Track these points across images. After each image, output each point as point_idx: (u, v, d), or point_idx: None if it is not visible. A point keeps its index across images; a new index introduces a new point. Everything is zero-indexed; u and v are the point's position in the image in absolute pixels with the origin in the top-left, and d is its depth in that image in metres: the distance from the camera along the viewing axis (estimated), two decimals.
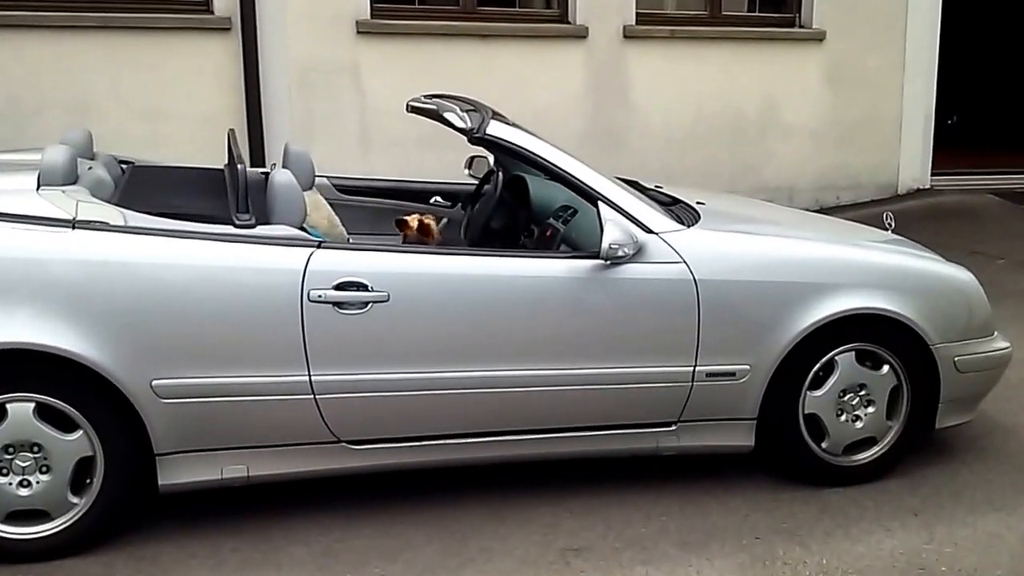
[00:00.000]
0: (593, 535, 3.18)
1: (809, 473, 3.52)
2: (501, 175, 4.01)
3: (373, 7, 6.55)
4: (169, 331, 2.92)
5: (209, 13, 6.20)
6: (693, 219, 3.57)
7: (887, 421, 3.55)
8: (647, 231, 3.29)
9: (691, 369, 3.30)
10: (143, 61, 6.09)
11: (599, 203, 3.28)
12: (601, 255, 3.18)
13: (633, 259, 3.22)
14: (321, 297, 3.00)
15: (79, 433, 2.92)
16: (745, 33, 7.55)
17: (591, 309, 3.23)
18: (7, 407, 2.87)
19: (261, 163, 6.04)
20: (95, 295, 2.87)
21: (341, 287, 3.01)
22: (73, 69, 5.97)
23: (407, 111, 3.92)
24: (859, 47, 7.79)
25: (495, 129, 3.33)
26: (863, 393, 3.50)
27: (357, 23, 6.47)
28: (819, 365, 3.42)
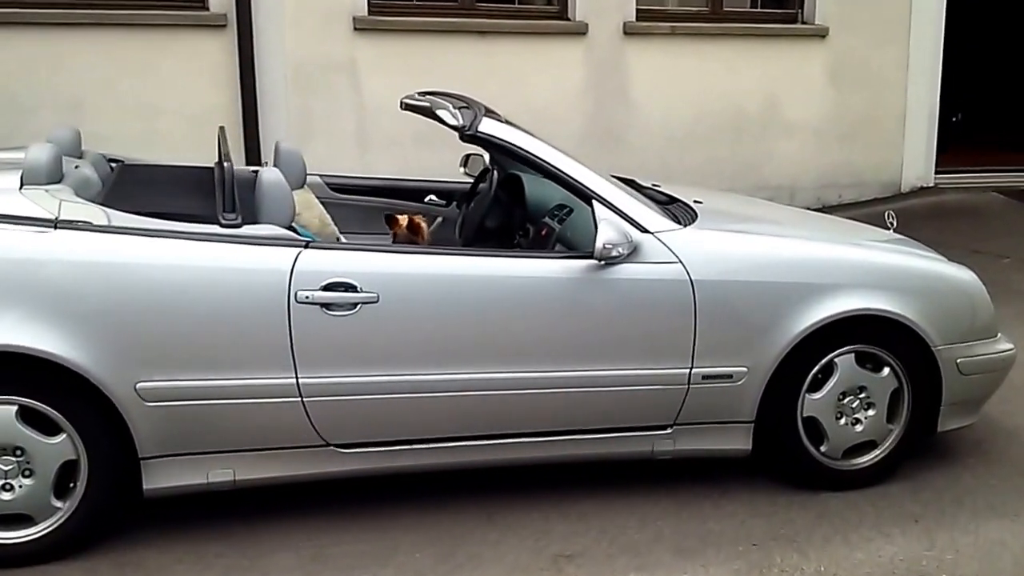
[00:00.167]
0: (586, 540, 3.14)
1: (807, 477, 3.48)
2: (496, 174, 3.98)
3: (370, 4, 6.50)
4: (153, 333, 2.88)
5: (204, 10, 6.16)
6: (690, 218, 3.52)
7: (888, 424, 3.50)
8: (642, 230, 3.25)
9: (687, 371, 3.26)
10: (138, 58, 6.06)
11: (593, 202, 3.24)
12: (595, 255, 3.13)
13: (628, 259, 3.17)
14: (308, 298, 2.95)
15: (62, 436, 2.88)
16: (747, 29, 7.49)
17: (585, 310, 3.18)
18: None
19: (257, 161, 6.01)
20: (78, 296, 2.83)
21: (329, 288, 2.97)
22: (68, 67, 5.94)
23: (401, 108, 3.89)
24: (862, 43, 7.73)
25: (487, 127, 3.28)
26: (863, 396, 3.45)
27: (354, 19, 6.42)
28: (818, 367, 3.38)
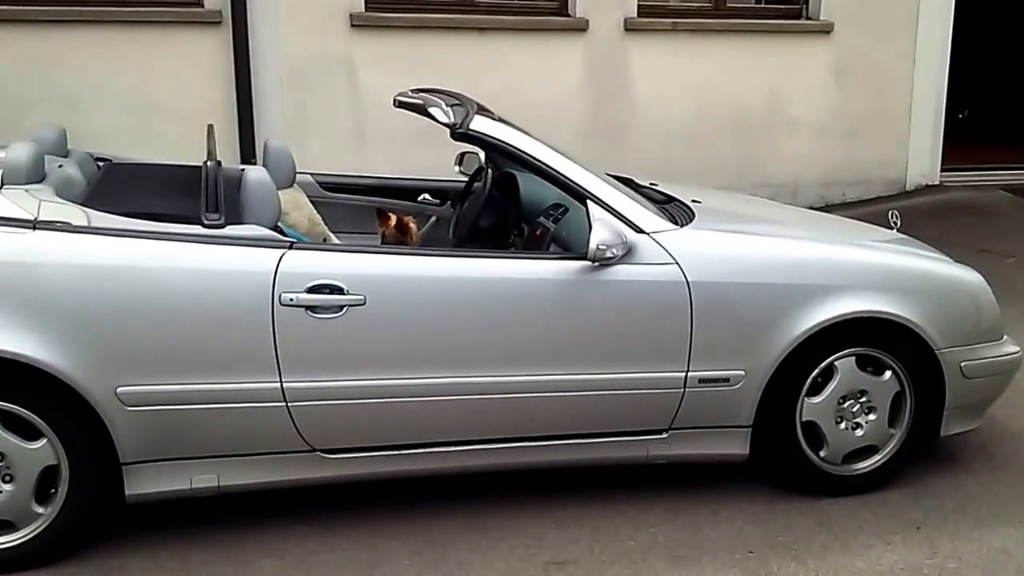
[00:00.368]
0: (579, 548, 3.08)
1: (806, 483, 3.41)
2: (491, 172, 3.91)
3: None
4: (134, 336, 2.82)
5: (199, 7, 6.12)
6: (687, 218, 3.46)
7: (889, 429, 3.43)
8: (638, 231, 3.18)
9: (683, 374, 3.19)
10: (134, 56, 6.02)
11: (588, 202, 3.17)
12: (588, 256, 3.06)
13: (623, 260, 3.11)
14: (293, 300, 2.88)
15: (43, 441, 2.83)
16: (750, 25, 7.41)
17: (579, 312, 3.12)
18: None
19: (252, 159, 5.95)
20: (57, 298, 2.77)
21: (314, 290, 2.90)
22: (62, 64, 5.91)
23: (394, 106, 3.83)
24: (868, 39, 7.63)
25: (478, 124, 3.21)
26: (864, 400, 3.38)
27: (351, 16, 6.36)
28: (818, 370, 3.31)
